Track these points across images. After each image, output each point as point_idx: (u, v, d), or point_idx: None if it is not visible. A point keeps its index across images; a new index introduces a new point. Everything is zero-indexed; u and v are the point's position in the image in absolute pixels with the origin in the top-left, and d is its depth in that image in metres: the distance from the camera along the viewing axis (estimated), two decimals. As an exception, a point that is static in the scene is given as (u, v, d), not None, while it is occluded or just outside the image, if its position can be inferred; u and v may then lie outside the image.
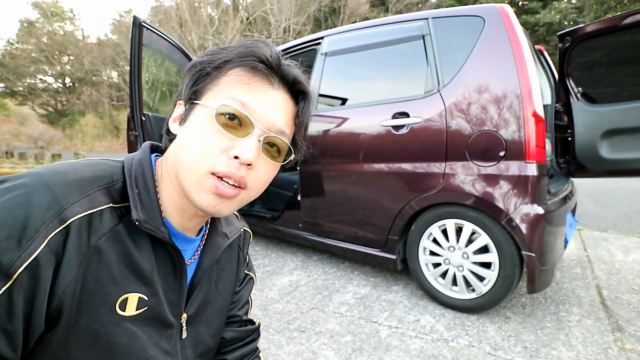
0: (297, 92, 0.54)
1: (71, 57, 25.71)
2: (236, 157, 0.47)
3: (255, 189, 0.52)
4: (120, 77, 23.84)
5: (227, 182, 0.48)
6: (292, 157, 0.55)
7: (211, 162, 0.47)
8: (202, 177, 0.47)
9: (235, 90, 0.49)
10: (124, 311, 0.47)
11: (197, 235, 0.58)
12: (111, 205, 0.46)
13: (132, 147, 2.62)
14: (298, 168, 2.45)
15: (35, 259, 0.38)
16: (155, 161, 0.55)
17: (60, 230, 0.40)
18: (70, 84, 27.11)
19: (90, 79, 25.14)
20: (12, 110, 26.64)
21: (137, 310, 0.48)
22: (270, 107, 0.50)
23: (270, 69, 0.50)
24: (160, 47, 2.79)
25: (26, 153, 13.45)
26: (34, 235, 0.39)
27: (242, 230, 0.69)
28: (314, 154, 2.35)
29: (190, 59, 3.04)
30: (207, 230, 0.61)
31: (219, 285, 0.63)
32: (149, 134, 2.54)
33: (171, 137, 0.54)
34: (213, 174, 0.47)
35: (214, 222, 0.62)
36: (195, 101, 0.50)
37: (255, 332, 0.74)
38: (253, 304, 1.97)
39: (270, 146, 0.51)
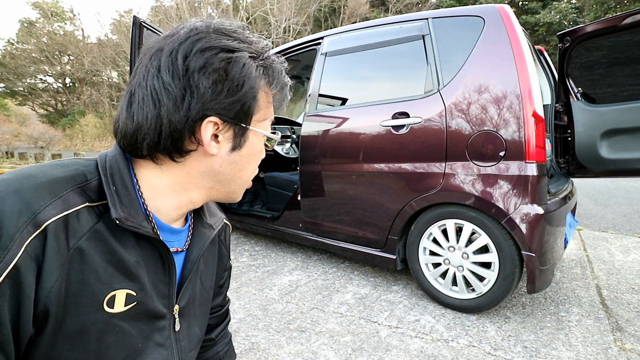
0: None
1: (71, 57, 25.66)
2: None
3: None
4: (120, 77, 23.81)
5: None
6: None
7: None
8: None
9: (269, 110, 0.56)
10: (112, 308, 0.46)
11: (183, 226, 0.59)
12: (87, 204, 0.45)
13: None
14: (298, 168, 2.46)
15: (15, 266, 0.38)
16: (132, 161, 0.52)
17: (37, 235, 0.40)
18: (70, 84, 27.06)
19: (91, 79, 25.09)
20: (12, 110, 26.56)
21: (125, 306, 0.48)
22: None
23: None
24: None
25: (26, 153, 13.44)
26: (9, 243, 0.38)
27: (223, 222, 0.70)
28: (315, 154, 2.35)
29: None
30: (192, 221, 0.61)
31: (202, 277, 0.64)
32: None
33: (189, 150, 0.50)
34: None
35: (198, 214, 0.62)
36: (248, 126, 0.52)
37: (228, 304, 0.80)
38: (253, 304, 1.98)
39: None
